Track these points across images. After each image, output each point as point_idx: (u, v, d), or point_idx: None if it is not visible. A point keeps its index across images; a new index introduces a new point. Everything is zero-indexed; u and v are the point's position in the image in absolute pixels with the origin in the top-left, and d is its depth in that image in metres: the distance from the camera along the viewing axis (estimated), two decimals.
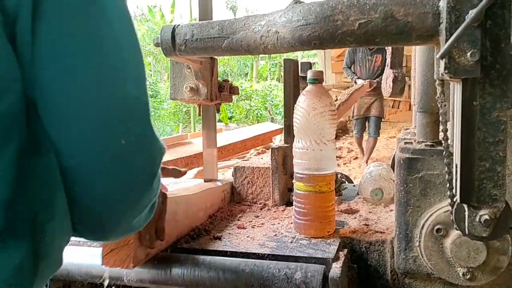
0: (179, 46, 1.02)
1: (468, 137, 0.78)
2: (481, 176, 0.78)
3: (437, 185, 0.98)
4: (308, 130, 1.08)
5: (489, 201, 0.78)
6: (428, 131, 1.03)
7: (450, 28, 0.73)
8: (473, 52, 0.71)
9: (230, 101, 1.42)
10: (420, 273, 1.02)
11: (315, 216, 1.09)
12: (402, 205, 1.01)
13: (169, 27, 1.02)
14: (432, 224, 0.97)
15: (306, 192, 1.10)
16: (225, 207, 1.37)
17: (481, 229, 0.79)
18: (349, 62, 5.40)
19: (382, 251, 1.08)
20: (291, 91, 1.39)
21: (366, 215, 1.25)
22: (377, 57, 5.07)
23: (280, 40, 0.91)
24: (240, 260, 0.95)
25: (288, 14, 0.89)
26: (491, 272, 0.95)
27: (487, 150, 0.77)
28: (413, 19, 0.79)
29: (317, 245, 1.05)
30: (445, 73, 0.74)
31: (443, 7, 0.75)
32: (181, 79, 1.26)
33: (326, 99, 1.08)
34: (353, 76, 5.32)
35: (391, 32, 0.81)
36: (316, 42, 0.87)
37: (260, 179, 1.41)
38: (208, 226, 1.20)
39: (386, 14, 0.80)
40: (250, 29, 0.95)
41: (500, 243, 0.94)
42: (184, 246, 1.07)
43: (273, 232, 1.14)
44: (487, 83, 0.75)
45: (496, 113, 0.76)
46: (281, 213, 1.30)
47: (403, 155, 1.01)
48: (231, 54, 1.01)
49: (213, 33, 0.99)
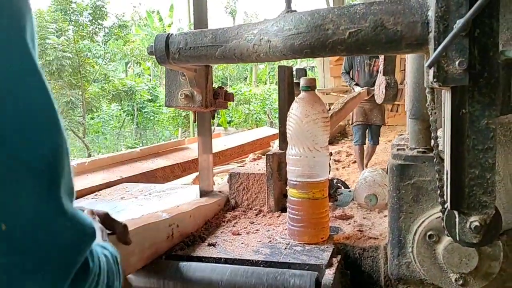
0: (173, 55, 1.03)
1: (458, 144, 0.78)
2: (471, 183, 0.78)
3: (429, 192, 0.99)
4: (301, 137, 1.09)
5: (479, 207, 0.79)
6: (420, 138, 1.04)
7: (438, 37, 0.74)
8: (461, 61, 0.72)
9: (225, 108, 1.42)
10: (413, 279, 1.02)
11: (309, 223, 1.10)
12: (395, 211, 1.01)
13: (163, 35, 1.03)
14: (424, 230, 0.98)
15: (299, 199, 1.10)
16: (220, 214, 1.37)
17: (472, 235, 0.80)
18: (347, 67, 5.25)
19: (376, 257, 1.08)
20: (286, 97, 1.40)
21: (361, 221, 1.25)
22: (376, 62, 4.91)
23: (272, 48, 0.92)
24: (233, 267, 0.96)
25: (280, 23, 0.90)
26: (483, 277, 0.96)
27: (476, 158, 0.78)
28: (403, 28, 0.80)
29: (311, 252, 1.05)
30: (434, 82, 0.75)
31: (431, 16, 0.76)
32: (176, 86, 1.26)
33: (319, 106, 1.08)
34: (351, 82, 5.17)
35: (381, 41, 0.82)
36: (307, 51, 0.88)
37: (255, 185, 1.41)
38: (203, 233, 1.21)
39: (376, 23, 0.81)
40: (242, 38, 0.96)
41: (492, 249, 0.94)
42: (178, 253, 1.07)
43: (268, 239, 1.15)
44: (476, 91, 0.76)
45: (485, 120, 0.77)
46: (276, 219, 1.31)
47: (396, 162, 1.01)
48: (224, 62, 1.02)
49: (207, 41, 1.00)
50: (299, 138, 1.09)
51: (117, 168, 2.14)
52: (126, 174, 2.07)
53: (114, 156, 2.25)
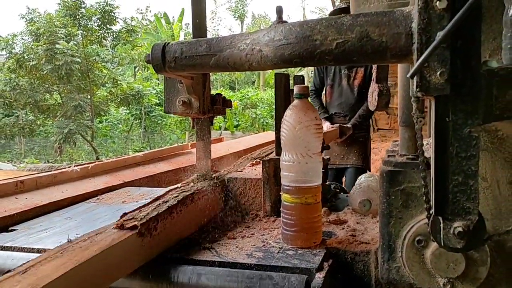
0: (169, 63, 1.06)
1: (442, 151, 0.81)
2: (455, 189, 0.81)
3: (418, 197, 1.01)
4: (295, 143, 1.11)
5: (463, 213, 0.81)
6: (410, 145, 1.06)
7: (421, 48, 0.76)
8: (442, 72, 0.75)
9: (223, 114, 1.46)
10: (403, 283, 1.04)
11: (302, 227, 1.12)
12: (385, 216, 1.03)
13: (160, 45, 1.07)
14: (413, 235, 1.00)
15: (292, 204, 1.13)
16: (217, 218, 1.40)
17: (456, 240, 0.82)
18: (318, 83, 3.47)
19: (367, 262, 1.10)
20: (282, 104, 1.43)
21: (354, 225, 1.27)
22: (359, 71, 3.29)
23: (263, 58, 0.95)
24: (225, 270, 0.99)
25: (271, 33, 0.93)
26: (470, 282, 0.97)
27: (459, 165, 0.80)
28: (388, 39, 0.82)
29: (303, 256, 1.07)
30: (417, 91, 0.77)
31: (415, 28, 0.78)
32: (174, 93, 1.30)
33: (312, 113, 1.11)
34: (320, 110, 3.40)
35: (367, 51, 0.84)
36: (297, 61, 0.91)
37: (252, 190, 1.44)
38: (200, 237, 1.23)
39: (362, 34, 0.84)
40: (236, 47, 0.99)
41: (479, 254, 0.96)
42: (173, 256, 1.10)
43: (262, 243, 1.17)
44: (459, 100, 0.78)
45: (467, 129, 0.79)
46: (272, 223, 1.33)
47: (386, 168, 1.03)
48: (219, 70, 1.05)
49: (201, 50, 1.03)
50: (293, 144, 1.12)
51: (120, 172, 2.18)
52: (129, 178, 2.11)
53: (117, 160, 2.29)
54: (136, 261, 0.99)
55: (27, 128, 16.39)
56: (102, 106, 16.50)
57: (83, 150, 17.26)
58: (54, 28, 14.55)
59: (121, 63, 16.87)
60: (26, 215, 1.52)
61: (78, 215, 1.54)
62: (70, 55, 14.14)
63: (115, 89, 16.06)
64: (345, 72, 3.32)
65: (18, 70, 14.60)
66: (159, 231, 1.07)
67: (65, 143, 15.54)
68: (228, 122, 17.16)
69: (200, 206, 1.30)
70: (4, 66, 15.16)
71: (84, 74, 15.17)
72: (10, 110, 15.84)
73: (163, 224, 1.09)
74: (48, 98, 15.94)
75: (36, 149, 18.25)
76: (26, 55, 14.43)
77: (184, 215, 1.19)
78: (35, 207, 1.57)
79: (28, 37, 15.55)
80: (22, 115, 16.33)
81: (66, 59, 14.01)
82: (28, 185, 1.78)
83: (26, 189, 1.76)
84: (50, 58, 14.00)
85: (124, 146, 18.07)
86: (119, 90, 16.11)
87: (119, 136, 19.09)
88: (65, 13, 15.43)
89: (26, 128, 16.35)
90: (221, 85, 22.69)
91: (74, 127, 15.00)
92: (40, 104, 15.42)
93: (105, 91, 16.25)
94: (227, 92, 18.95)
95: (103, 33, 16.27)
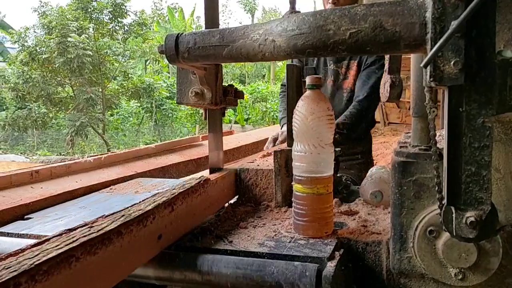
0: (182, 54, 1.07)
1: (455, 142, 0.81)
2: (467, 179, 0.81)
3: (430, 188, 1.01)
4: (307, 134, 1.12)
5: (475, 203, 0.81)
6: (422, 136, 1.06)
7: (435, 38, 0.76)
8: (456, 61, 0.75)
9: (235, 105, 1.46)
10: (415, 273, 1.04)
11: (313, 217, 1.13)
12: (397, 207, 1.04)
13: (173, 35, 1.08)
14: (425, 225, 1.00)
15: (304, 194, 1.14)
16: (229, 208, 1.41)
17: (468, 230, 0.82)
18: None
19: (378, 252, 1.11)
20: (294, 96, 1.43)
21: (365, 216, 1.28)
22: (350, 69, 2.39)
23: (276, 48, 0.95)
24: (237, 259, 1.00)
25: (284, 23, 0.93)
26: (482, 273, 0.97)
27: (473, 155, 0.80)
28: (401, 29, 0.82)
29: (314, 245, 1.08)
30: (431, 81, 0.77)
31: (429, 18, 0.78)
32: (187, 84, 1.31)
33: (324, 104, 1.11)
34: (282, 115, 2.46)
35: (381, 41, 0.84)
36: (310, 51, 0.91)
37: (263, 181, 1.45)
38: (213, 226, 1.25)
39: (375, 24, 0.84)
40: (249, 38, 1.00)
41: (491, 245, 0.96)
42: (187, 245, 1.12)
43: (273, 232, 1.18)
44: (473, 90, 0.78)
45: (481, 119, 0.79)
46: (283, 214, 1.34)
47: (398, 159, 1.04)
48: (232, 61, 1.06)
49: (214, 41, 1.03)
50: (305, 135, 1.12)
51: (132, 163, 2.20)
52: (141, 169, 2.13)
53: (130, 152, 2.31)
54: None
55: (39, 121, 16.58)
56: (113, 99, 16.62)
57: (95, 143, 17.43)
58: (66, 21, 14.66)
59: (132, 56, 16.96)
60: (41, 204, 1.54)
61: (92, 205, 1.57)
62: (82, 48, 14.25)
63: (126, 82, 16.16)
64: (332, 67, 2.41)
65: (31, 63, 14.75)
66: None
67: (77, 136, 15.70)
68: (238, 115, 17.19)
69: (211, 195, 1.31)
70: (17, 59, 15.33)
71: (96, 67, 15.28)
72: (23, 103, 16.04)
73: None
74: (60, 91, 16.10)
75: (49, 142, 18.47)
76: (39, 48, 14.57)
77: (196, 203, 1.21)
78: (50, 196, 1.59)
79: (40, 30, 15.70)
80: (34, 108, 16.52)
81: (78, 52, 14.12)
82: (43, 175, 1.81)
83: (41, 178, 1.79)
84: (62, 51, 14.13)
85: (135, 139, 18.20)
86: (130, 84, 16.21)
87: (130, 129, 19.22)
88: (76, 7, 15.53)
89: (39, 120, 16.54)
90: (232, 79, 22.69)
91: (85, 120, 15.15)
92: (53, 97, 15.58)
93: (116, 84, 16.36)
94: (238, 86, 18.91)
95: (114, 26, 16.36)
